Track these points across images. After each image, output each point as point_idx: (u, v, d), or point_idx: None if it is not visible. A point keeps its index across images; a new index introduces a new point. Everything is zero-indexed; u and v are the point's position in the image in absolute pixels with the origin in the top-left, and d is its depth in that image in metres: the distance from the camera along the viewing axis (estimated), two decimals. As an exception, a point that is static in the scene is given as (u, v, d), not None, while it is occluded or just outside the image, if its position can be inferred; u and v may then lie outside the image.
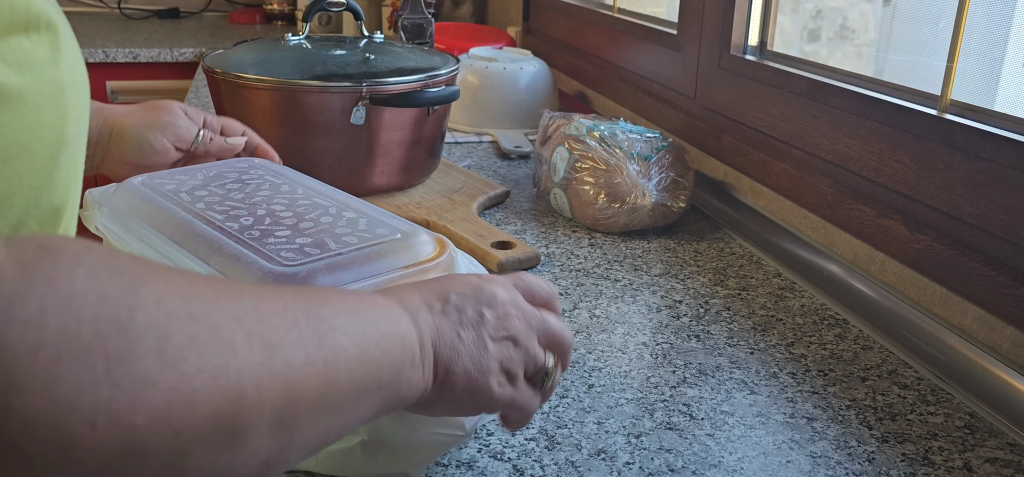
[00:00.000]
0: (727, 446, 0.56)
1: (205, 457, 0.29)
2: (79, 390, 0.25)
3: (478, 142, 1.32)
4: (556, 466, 0.53)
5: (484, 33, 1.78)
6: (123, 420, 0.26)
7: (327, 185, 0.68)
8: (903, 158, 0.75)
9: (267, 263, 0.53)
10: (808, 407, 0.61)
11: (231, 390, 0.30)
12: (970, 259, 0.66)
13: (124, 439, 0.26)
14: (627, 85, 1.30)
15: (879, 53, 1.18)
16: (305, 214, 0.62)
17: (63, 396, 0.24)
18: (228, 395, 0.30)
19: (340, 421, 0.36)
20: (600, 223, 0.94)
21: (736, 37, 1.04)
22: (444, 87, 0.98)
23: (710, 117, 1.09)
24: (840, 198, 0.81)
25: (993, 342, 0.65)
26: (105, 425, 0.26)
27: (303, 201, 0.65)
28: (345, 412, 0.36)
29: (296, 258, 0.55)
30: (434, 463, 0.53)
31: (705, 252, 0.91)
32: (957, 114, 0.71)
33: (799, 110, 0.90)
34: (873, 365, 0.68)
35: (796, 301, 0.80)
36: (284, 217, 0.61)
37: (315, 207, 0.64)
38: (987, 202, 0.66)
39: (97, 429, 0.25)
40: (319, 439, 0.35)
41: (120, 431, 0.26)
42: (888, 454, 0.56)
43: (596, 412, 0.59)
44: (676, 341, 0.71)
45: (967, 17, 0.71)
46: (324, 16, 2.14)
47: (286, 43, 1.07)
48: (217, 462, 0.30)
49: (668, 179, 0.93)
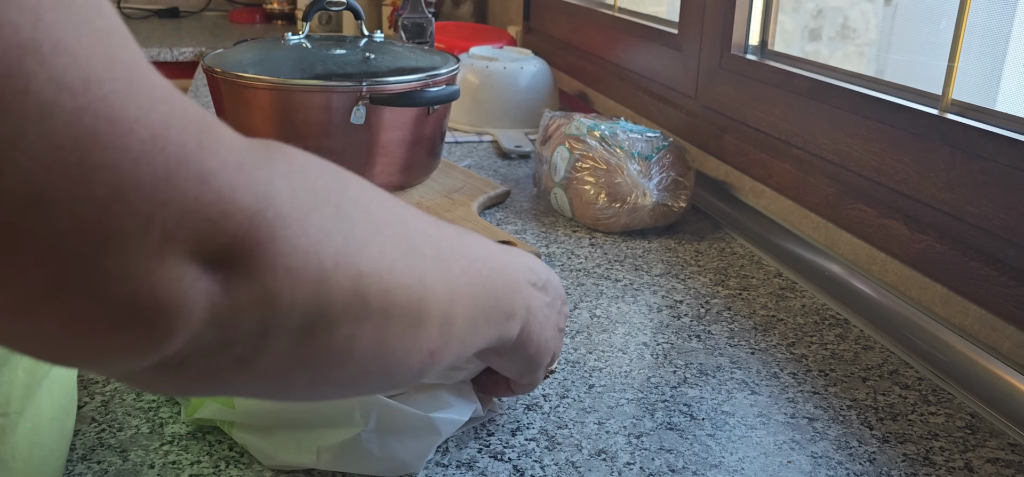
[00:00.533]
0: (728, 446, 0.56)
1: (397, 332, 0.34)
2: (324, 232, 0.29)
3: (478, 142, 1.32)
4: (556, 466, 0.53)
5: (484, 32, 1.78)
6: (352, 265, 0.31)
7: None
8: (904, 158, 0.75)
9: None
10: (809, 407, 0.61)
11: (416, 277, 0.35)
12: (971, 259, 0.66)
13: (352, 286, 0.31)
14: (628, 84, 1.30)
15: (880, 53, 1.18)
16: None
17: (315, 235, 0.29)
18: (414, 279, 0.34)
19: (471, 337, 0.41)
20: (601, 223, 0.94)
21: (737, 37, 1.04)
22: (444, 86, 0.98)
23: (711, 117, 1.08)
24: (841, 198, 0.81)
25: (994, 342, 0.65)
26: (342, 267, 0.30)
27: None
28: (475, 331, 0.41)
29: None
30: (434, 463, 0.53)
31: (706, 252, 0.91)
32: (958, 114, 0.71)
33: (800, 110, 0.90)
34: (874, 365, 0.68)
35: (797, 301, 0.80)
36: None
37: None
38: (988, 202, 0.66)
39: (339, 268, 0.30)
40: (459, 350, 0.40)
41: (350, 275, 0.31)
42: (889, 454, 0.56)
43: (597, 412, 0.59)
44: (677, 341, 0.70)
45: (968, 17, 0.71)
46: (324, 15, 2.14)
47: (286, 42, 1.06)
48: (401, 339, 0.34)
49: (669, 179, 0.93)
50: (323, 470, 0.51)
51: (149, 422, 0.56)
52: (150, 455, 0.52)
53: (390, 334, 0.34)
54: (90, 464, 0.51)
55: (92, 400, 0.58)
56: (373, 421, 0.49)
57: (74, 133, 0.22)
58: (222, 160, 0.26)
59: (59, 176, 0.22)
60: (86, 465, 0.51)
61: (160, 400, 0.58)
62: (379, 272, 0.32)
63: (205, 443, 0.54)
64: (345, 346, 0.32)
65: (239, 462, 0.52)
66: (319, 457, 0.50)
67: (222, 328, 0.27)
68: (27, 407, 0.42)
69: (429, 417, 0.50)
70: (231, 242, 0.26)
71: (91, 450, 0.52)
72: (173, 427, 0.55)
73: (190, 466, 0.51)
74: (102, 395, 0.58)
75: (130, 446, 0.53)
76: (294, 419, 0.51)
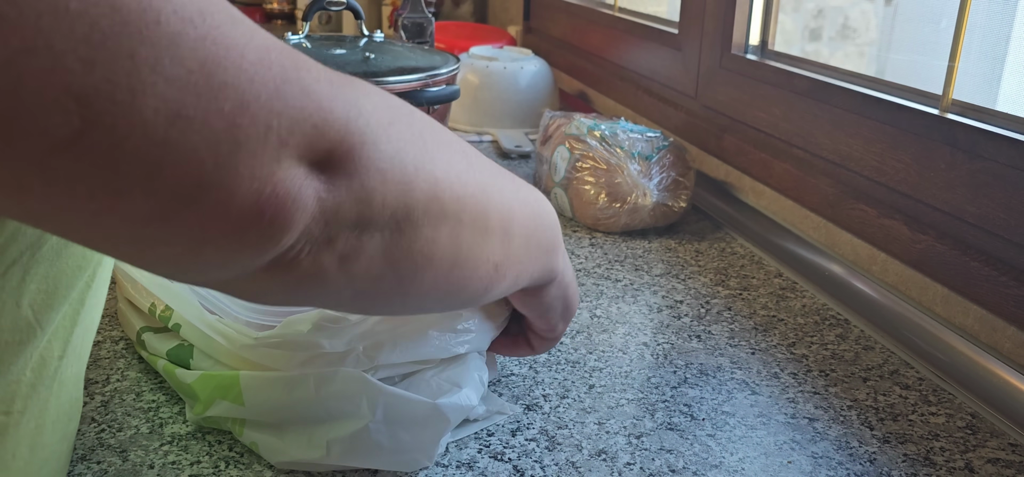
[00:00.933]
0: (728, 447, 0.56)
1: (468, 238, 0.38)
2: (403, 141, 0.33)
3: (479, 141, 1.32)
4: (557, 466, 0.53)
5: (484, 32, 1.78)
6: (429, 171, 0.35)
7: None
8: (905, 158, 0.75)
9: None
10: (809, 407, 0.61)
11: (480, 188, 0.39)
12: (972, 259, 0.66)
13: (431, 190, 0.35)
14: (628, 84, 1.30)
15: (881, 52, 1.18)
16: None
17: (397, 143, 0.33)
18: (478, 190, 0.38)
19: (526, 259, 0.45)
20: (601, 223, 0.94)
21: (737, 36, 1.04)
22: (444, 86, 0.98)
23: (711, 116, 1.08)
24: (841, 198, 0.81)
25: (995, 342, 0.65)
26: (421, 172, 0.34)
27: None
28: (529, 254, 0.45)
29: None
30: (435, 463, 0.53)
31: (706, 252, 0.91)
32: (959, 114, 0.71)
33: (800, 110, 0.90)
34: (874, 365, 0.68)
35: (797, 301, 0.80)
36: None
37: None
38: (989, 202, 0.66)
39: (419, 173, 0.34)
40: (517, 269, 0.44)
41: (429, 180, 0.35)
42: (890, 454, 0.56)
43: (597, 412, 0.59)
44: (677, 341, 0.70)
45: (969, 16, 0.71)
46: (324, 15, 2.14)
47: (286, 42, 1.06)
48: (471, 247, 0.38)
49: (669, 179, 0.93)
50: (335, 467, 0.51)
51: (149, 422, 0.56)
52: (150, 455, 0.52)
53: (463, 239, 0.37)
54: (90, 464, 0.51)
55: (92, 400, 0.58)
56: (380, 412, 0.49)
57: (200, 57, 0.25)
58: (316, 77, 0.29)
59: (192, 95, 0.25)
60: (86, 465, 0.51)
61: (160, 400, 0.58)
62: (450, 180, 0.36)
63: (205, 443, 0.54)
64: (427, 249, 0.36)
65: (239, 462, 0.52)
66: (329, 451, 0.50)
67: (327, 223, 0.30)
68: (31, 406, 0.42)
69: (436, 404, 0.50)
70: (332, 146, 0.30)
71: (91, 450, 0.52)
72: (173, 427, 0.55)
73: (190, 466, 0.51)
74: (102, 395, 0.58)
75: (130, 446, 0.53)
76: (303, 414, 0.50)
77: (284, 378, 0.50)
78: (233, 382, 0.51)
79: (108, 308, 0.71)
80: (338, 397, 0.49)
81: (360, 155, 0.31)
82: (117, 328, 0.68)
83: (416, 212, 0.34)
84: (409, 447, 0.50)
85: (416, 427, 0.50)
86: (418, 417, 0.50)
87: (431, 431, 0.50)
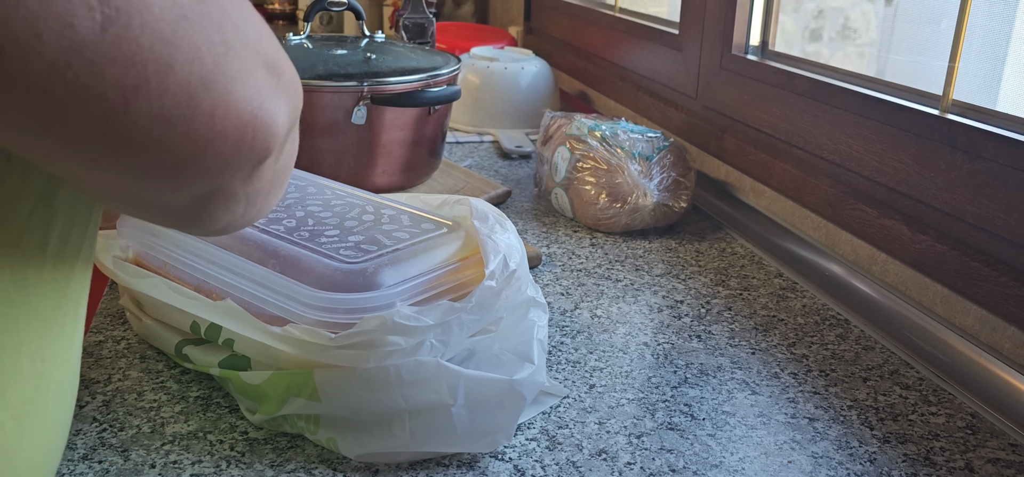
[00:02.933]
0: (728, 446, 0.56)
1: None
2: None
3: (479, 142, 1.32)
4: (557, 466, 0.53)
5: (485, 33, 1.78)
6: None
7: (349, 186, 0.69)
8: (905, 158, 0.75)
9: (330, 261, 0.55)
10: (809, 407, 0.61)
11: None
12: (972, 259, 0.66)
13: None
14: (628, 85, 1.30)
15: (881, 53, 1.18)
16: (345, 214, 0.63)
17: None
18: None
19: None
20: (601, 223, 0.94)
21: (738, 37, 1.04)
22: (445, 87, 0.98)
23: (712, 117, 1.08)
24: (842, 198, 0.81)
25: (995, 342, 0.65)
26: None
27: (336, 202, 0.65)
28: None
29: (356, 256, 0.56)
30: (435, 463, 0.53)
31: (706, 252, 0.91)
32: (959, 114, 0.71)
33: (801, 110, 0.90)
34: (875, 365, 0.68)
35: (798, 301, 0.80)
36: (325, 218, 0.62)
37: (351, 207, 0.64)
38: (989, 202, 0.66)
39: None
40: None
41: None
42: (890, 455, 0.56)
43: (597, 412, 0.59)
44: (677, 341, 0.70)
45: (969, 17, 0.71)
46: (325, 15, 2.14)
47: (287, 42, 1.07)
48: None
49: (669, 179, 0.93)
50: (416, 453, 0.52)
51: (150, 422, 0.56)
52: (151, 455, 0.52)
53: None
54: (91, 464, 0.51)
55: (94, 400, 0.58)
56: (462, 395, 0.50)
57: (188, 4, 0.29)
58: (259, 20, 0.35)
59: (192, 32, 0.29)
60: (87, 465, 0.51)
61: (161, 400, 0.58)
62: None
63: (206, 443, 0.54)
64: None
65: (240, 462, 0.52)
66: (412, 437, 0.51)
67: (292, 121, 0.36)
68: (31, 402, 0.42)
69: (512, 382, 0.51)
70: (274, 58, 0.34)
71: (92, 450, 0.53)
72: (174, 427, 0.55)
73: (191, 466, 0.52)
74: (103, 395, 0.59)
75: (131, 446, 0.53)
76: (383, 405, 0.51)
77: (361, 372, 0.50)
78: (307, 380, 0.51)
79: (109, 308, 0.71)
80: (418, 384, 0.50)
81: (285, 68, 0.35)
82: (119, 328, 0.68)
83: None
84: (490, 429, 0.52)
85: (495, 408, 0.52)
86: (496, 397, 0.51)
87: (509, 411, 0.52)
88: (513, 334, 0.57)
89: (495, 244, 0.57)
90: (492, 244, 0.57)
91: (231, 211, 0.38)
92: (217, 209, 0.37)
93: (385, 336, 0.50)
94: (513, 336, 0.57)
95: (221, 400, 0.59)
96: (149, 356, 0.64)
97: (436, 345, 0.52)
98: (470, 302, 0.53)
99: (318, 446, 0.54)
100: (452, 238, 0.60)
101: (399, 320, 0.50)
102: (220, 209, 0.37)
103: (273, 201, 0.41)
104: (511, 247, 0.58)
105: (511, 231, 0.60)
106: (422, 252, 0.57)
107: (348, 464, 0.52)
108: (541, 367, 0.55)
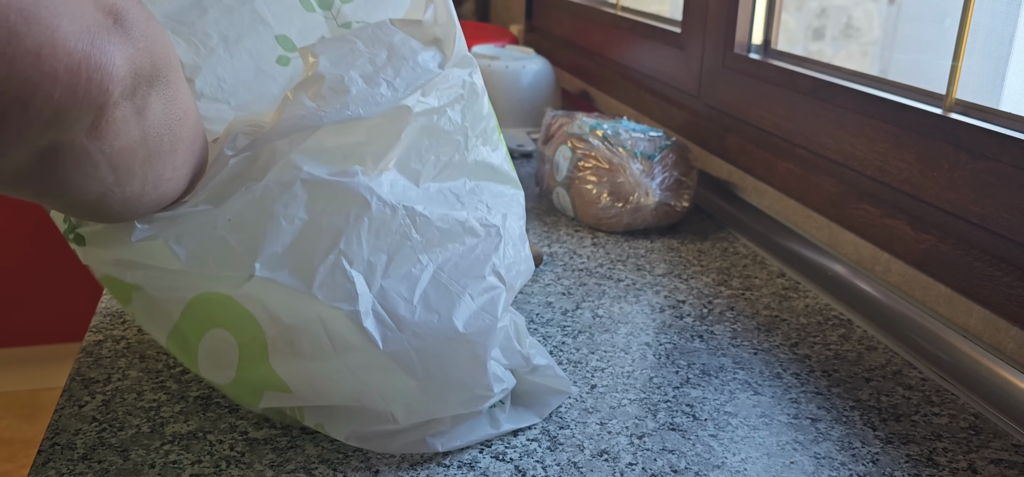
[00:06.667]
0: (730, 447, 0.56)
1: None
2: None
3: (481, 141, 1.32)
4: (558, 467, 0.53)
5: (487, 31, 1.77)
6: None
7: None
8: (908, 157, 0.75)
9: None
10: (812, 408, 0.61)
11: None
12: (975, 259, 0.66)
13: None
14: (630, 83, 1.30)
15: (884, 52, 1.17)
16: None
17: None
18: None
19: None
20: (603, 222, 0.94)
21: (740, 35, 1.03)
22: (447, 85, 0.97)
23: (714, 116, 1.08)
24: (845, 198, 0.81)
25: (998, 343, 0.64)
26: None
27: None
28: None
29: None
30: (435, 463, 0.53)
31: (709, 252, 0.91)
32: (962, 113, 0.71)
33: (803, 109, 0.90)
34: (877, 366, 0.68)
35: (800, 301, 0.79)
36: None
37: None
38: (992, 202, 0.66)
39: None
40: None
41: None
42: (892, 455, 0.56)
43: (599, 412, 0.59)
44: (679, 341, 0.70)
45: (972, 16, 0.70)
46: (327, 14, 2.14)
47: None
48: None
49: (671, 178, 0.93)
50: (401, 428, 0.52)
51: (150, 422, 0.56)
52: (151, 455, 0.52)
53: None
54: (91, 463, 0.51)
55: (93, 399, 0.58)
56: (420, 369, 0.50)
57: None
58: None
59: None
60: (87, 464, 0.51)
61: (161, 399, 0.58)
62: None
63: (206, 443, 0.54)
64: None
65: (240, 462, 0.52)
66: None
67: (135, 76, 0.35)
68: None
69: (456, 330, 0.50)
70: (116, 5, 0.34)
71: (92, 449, 0.52)
72: (174, 427, 0.55)
73: (191, 465, 0.51)
74: (103, 394, 0.58)
75: (131, 445, 0.53)
76: (343, 384, 0.50)
77: (307, 348, 0.49)
78: (270, 374, 0.50)
79: (109, 307, 0.71)
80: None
81: (129, 13, 0.34)
82: (119, 328, 0.68)
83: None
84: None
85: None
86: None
87: (471, 362, 0.51)
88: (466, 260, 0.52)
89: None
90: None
91: (92, 176, 0.35)
92: (71, 173, 0.34)
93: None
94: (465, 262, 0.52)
95: (221, 400, 0.58)
96: (149, 356, 0.64)
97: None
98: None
99: (318, 446, 0.54)
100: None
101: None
102: (74, 172, 0.35)
103: (165, 174, 0.38)
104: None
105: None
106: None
107: (348, 464, 0.52)
108: (544, 351, 0.55)
